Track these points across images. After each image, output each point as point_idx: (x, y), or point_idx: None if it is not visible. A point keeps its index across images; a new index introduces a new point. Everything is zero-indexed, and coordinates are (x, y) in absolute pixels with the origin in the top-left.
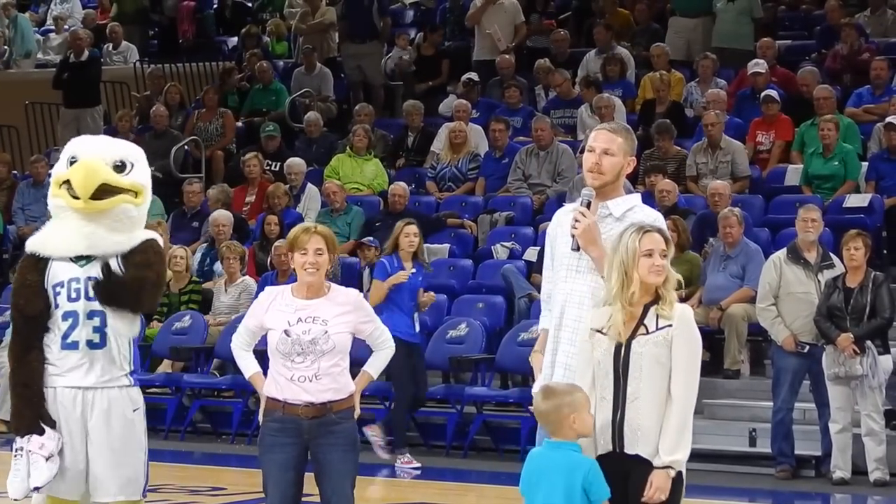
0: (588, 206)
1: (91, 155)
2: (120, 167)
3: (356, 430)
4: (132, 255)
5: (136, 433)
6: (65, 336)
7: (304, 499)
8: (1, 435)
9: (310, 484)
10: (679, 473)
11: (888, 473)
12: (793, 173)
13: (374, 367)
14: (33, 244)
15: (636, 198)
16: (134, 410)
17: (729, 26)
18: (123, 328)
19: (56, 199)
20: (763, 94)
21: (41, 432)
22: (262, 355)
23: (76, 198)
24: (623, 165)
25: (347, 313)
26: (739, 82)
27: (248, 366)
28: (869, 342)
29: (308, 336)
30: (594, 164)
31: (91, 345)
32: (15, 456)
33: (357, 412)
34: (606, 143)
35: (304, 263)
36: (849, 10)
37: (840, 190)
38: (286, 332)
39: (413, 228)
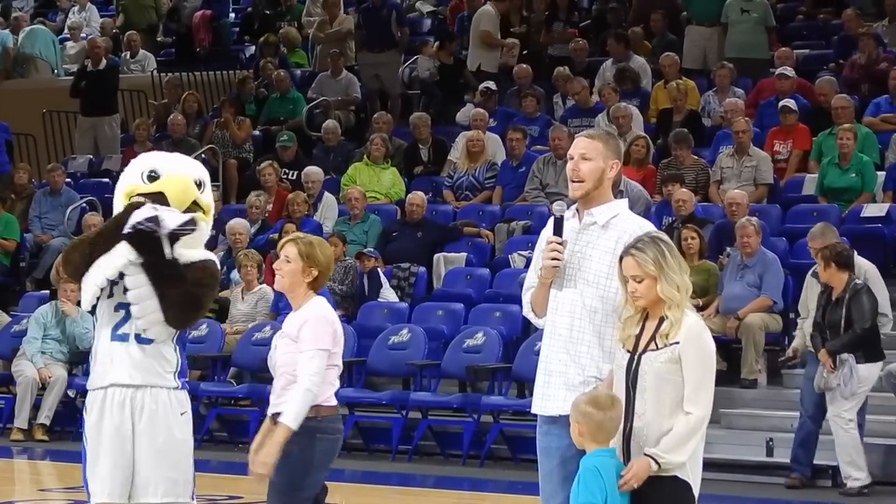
0: (561, 220)
1: (181, 172)
2: (199, 185)
3: (294, 447)
4: (190, 270)
5: (188, 436)
6: (115, 328)
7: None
8: (17, 443)
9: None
10: (686, 483)
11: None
12: (810, 183)
13: (288, 417)
14: None
15: (621, 204)
16: (181, 413)
17: (743, 36)
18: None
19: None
20: (780, 103)
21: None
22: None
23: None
24: (604, 170)
25: (293, 333)
26: (758, 92)
27: None
28: (845, 355)
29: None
30: (572, 170)
31: (140, 339)
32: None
33: (260, 469)
34: (583, 149)
35: (274, 266)
36: (866, 20)
37: (857, 201)
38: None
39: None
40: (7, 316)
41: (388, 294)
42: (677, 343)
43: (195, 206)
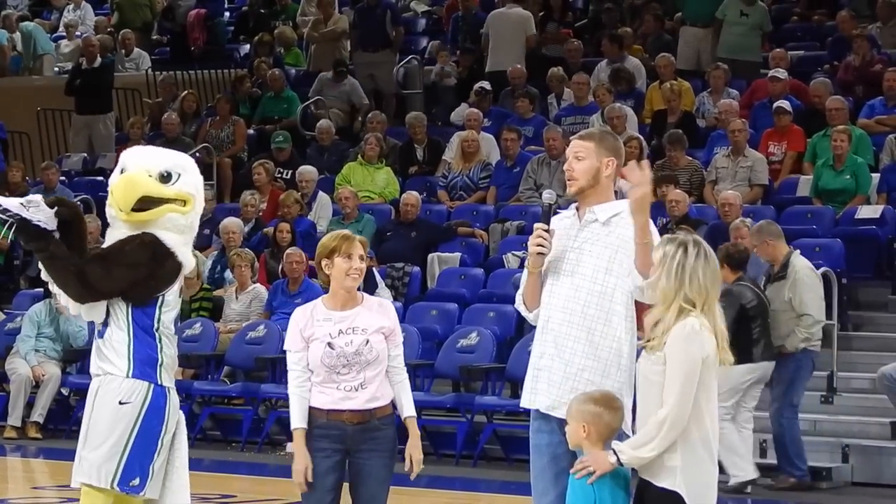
0: (549, 209)
1: (135, 167)
2: (166, 177)
3: (396, 438)
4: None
5: (119, 424)
6: (91, 325)
7: None
8: (10, 441)
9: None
10: (675, 495)
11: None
12: (804, 184)
13: (411, 406)
14: None
15: (623, 204)
16: (121, 402)
17: (738, 38)
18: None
19: (108, 208)
20: (775, 105)
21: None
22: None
23: (122, 210)
24: (598, 168)
25: (385, 326)
26: (752, 93)
27: (296, 416)
28: None
29: (351, 347)
30: (566, 170)
31: (98, 333)
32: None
33: (418, 467)
34: (576, 149)
35: (350, 269)
36: (860, 22)
37: (851, 203)
38: (330, 344)
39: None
40: (1, 314)
41: (383, 294)
42: (665, 343)
43: (154, 200)
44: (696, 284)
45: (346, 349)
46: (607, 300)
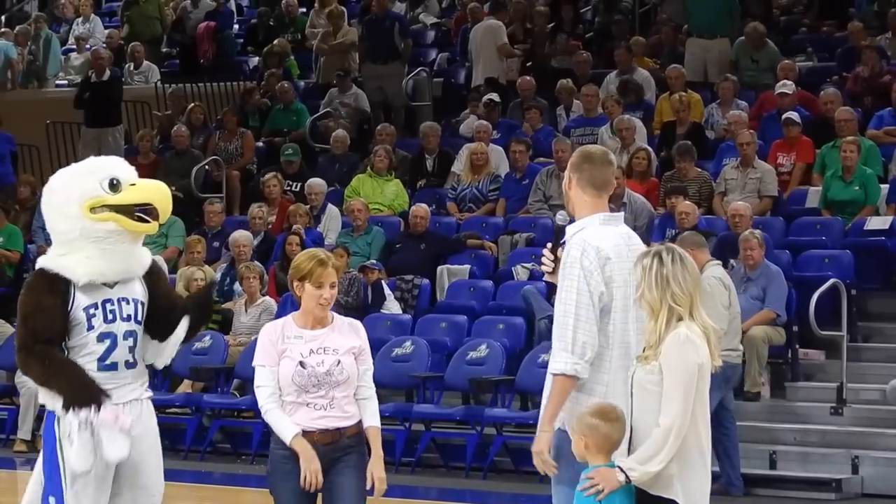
0: (559, 230)
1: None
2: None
3: (366, 455)
4: (154, 276)
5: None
6: (102, 358)
7: None
8: (21, 454)
9: None
10: None
11: None
12: (814, 195)
13: (376, 416)
14: (58, 267)
15: (589, 221)
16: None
17: (752, 77)
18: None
19: (104, 223)
20: (784, 116)
21: (104, 402)
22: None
23: (144, 220)
24: (565, 185)
25: (356, 346)
26: (761, 104)
27: (286, 427)
28: None
29: (322, 367)
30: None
31: (128, 365)
32: (80, 430)
33: (381, 485)
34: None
35: (320, 297)
36: (870, 33)
37: (860, 214)
38: (302, 363)
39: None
40: (10, 327)
41: (392, 306)
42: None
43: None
44: (678, 290)
45: (317, 369)
46: (559, 321)
